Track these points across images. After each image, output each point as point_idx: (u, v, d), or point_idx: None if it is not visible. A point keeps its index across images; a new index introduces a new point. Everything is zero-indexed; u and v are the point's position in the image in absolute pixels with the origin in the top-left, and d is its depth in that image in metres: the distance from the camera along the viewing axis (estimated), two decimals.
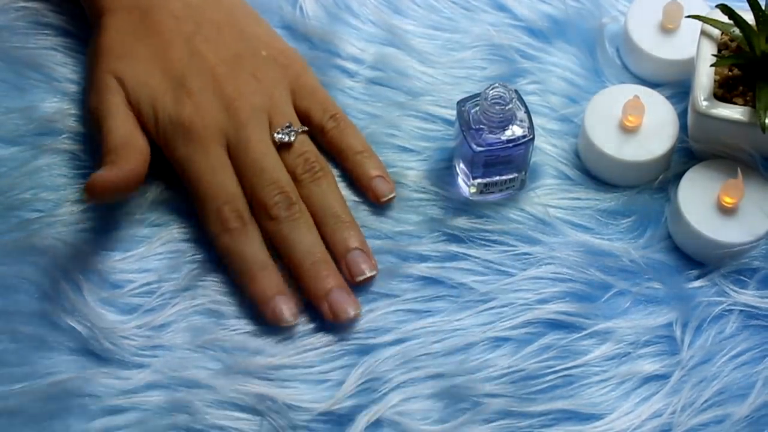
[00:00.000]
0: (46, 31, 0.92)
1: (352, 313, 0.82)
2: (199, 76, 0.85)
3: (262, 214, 0.83)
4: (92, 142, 0.87)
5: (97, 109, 0.85)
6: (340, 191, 0.86)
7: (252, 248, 0.82)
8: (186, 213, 0.85)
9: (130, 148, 0.82)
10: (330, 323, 0.82)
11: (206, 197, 0.83)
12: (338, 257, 0.83)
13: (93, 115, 0.85)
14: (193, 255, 0.84)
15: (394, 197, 0.87)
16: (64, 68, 0.91)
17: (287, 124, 0.85)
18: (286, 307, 0.81)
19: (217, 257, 0.84)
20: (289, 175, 0.84)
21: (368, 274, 0.83)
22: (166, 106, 0.84)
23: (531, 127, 0.83)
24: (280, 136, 0.85)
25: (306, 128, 0.86)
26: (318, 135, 0.87)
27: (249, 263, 0.82)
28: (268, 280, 0.82)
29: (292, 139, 0.85)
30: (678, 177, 0.86)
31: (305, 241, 0.83)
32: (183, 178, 0.85)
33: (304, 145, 0.86)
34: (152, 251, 0.84)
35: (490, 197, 0.87)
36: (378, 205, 0.87)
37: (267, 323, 0.82)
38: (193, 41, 0.86)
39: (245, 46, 0.87)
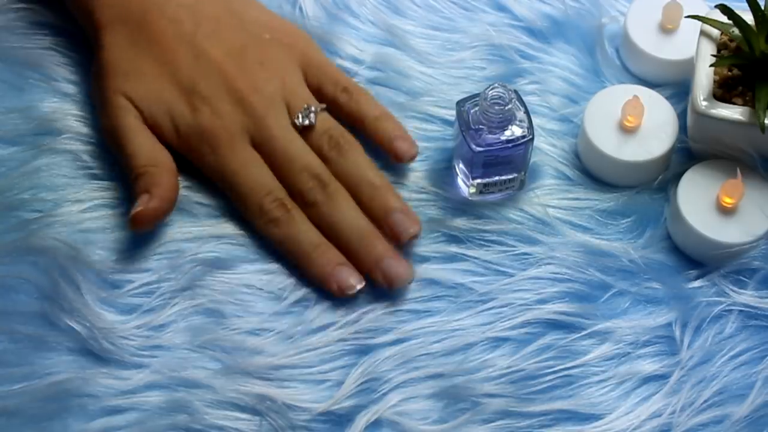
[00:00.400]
0: (44, 31, 0.92)
1: (406, 277, 0.82)
2: (208, 77, 0.85)
3: (300, 202, 0.84)
4: (92, 143, 0.87)
5: (113, 132, 0.85)
6: (369, 158, 0.86)
7: (301, 231, 0.83)
8: (185, 213, 0.85)
9: (159, 171, 0.83)
10: (328, 324, 0.82)
11: (245, 194, 0.84)
12: (380, 222, 0.84)
13: (109, 136, 0.85)
14: (192, 255, 0.84)
15: (416, 153, 0.87)
16: (63, 68, 0.91)
17: (305, 106, 0.86)
18: (350, 276, 0.82)
19: (216, 258, 0.84)
20: (316, 156, 0.85)
21: (413, 232, 0.83)
22: (184, 117, 0.84)
23: (530, 127, 0.83)
24: (300, 120, 0.85)
25: (324, 105, 0.87)
26: (333, 108, 0.87)
27: (302, 246, 0.83)
28: (325, 256, 0.82)
29: (313, 120, 0.85)
30: (677, 177, 0.86)
31: (347, 217, 0.83)
32: (217, 182, 0.85)
33: (326, 122, 0.86)
34: (152, 251, 0.84)
35: (490, 197, 0.87)
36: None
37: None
38: (195, 41, 0.86)
39: (247, 34, 0.87)
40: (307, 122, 0.85)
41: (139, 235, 0.84)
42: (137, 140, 0.84)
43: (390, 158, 0.87)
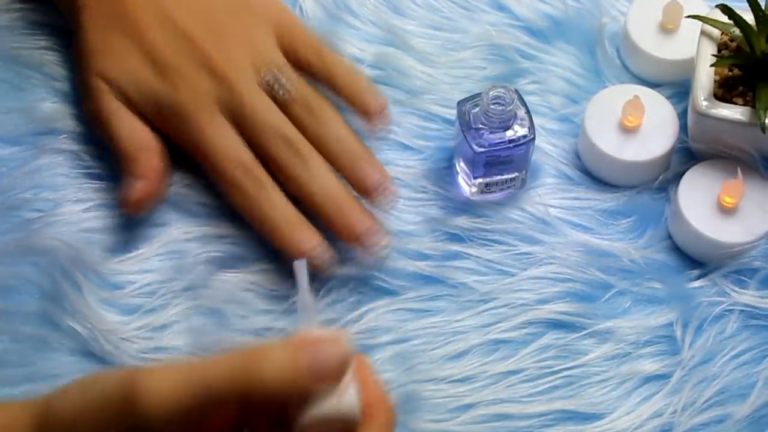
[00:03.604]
0: (45, 31, 0.92)
1: (381, 241, 0.82)
2: (177, 48, 0.84)
3: (273, 167, 0.83)
4: (93, 142, 0.87)
5: (95, 115, 0.85)
6: (344, 122, 0.85)
7: (267, 197, 0.82)
8: (187, 213, 0.85)
9: (146, 153, 0.83)
10: (329, 323, 0.82)
11: (217, 167, 0.83)
12: (361, 191, 0.83)
13: (93, 121, 0.85)
14: (194, 255, 0.83)
15: (383, 105, 0.86)
16: (64, 68, 0.90)
17: (274, 72, 0.85)
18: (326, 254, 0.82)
19: (217, 258, 0.84)
20: (289, 120, 0.84)
21: (381, 182, 0.83)
22: (156, 91, 0.84)
23: (532, 127, 0.83)
24: (271, 84, 0.84)
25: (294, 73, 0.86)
26: (306, 72, 0.87)
27: (265, 211, 0.82)
28: (287, 218, 0.82)
29: (287, 87, 0.84)
30: (678, 177, 0.86)
31: (321, 183, 0.82)
32: (191, 154, 0.85)
33: (301, 88, 0.85)
34: (153, 252, 0.84)
35: (491, 196, 0.87)
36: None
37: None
38: (163, 9, 0.85)
39: (220, 1, 0.87)
40: (277, 87, 0.84)
41: (138, 225, 0.84)
42: (122, 125, 0.84)
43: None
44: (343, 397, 0.60)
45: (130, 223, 0.84)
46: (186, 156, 0.85)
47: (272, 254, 0.84)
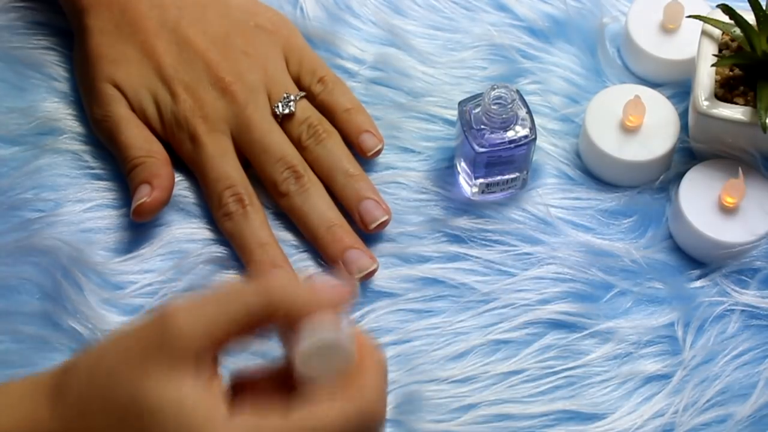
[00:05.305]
0: (46, 31, 0.92)
1: (368, 268, 0.82)
2: (191, 66, 0.85)
3: (274, 192, 0.85)
4: (94, 142, 0.87)
5: (104, 121, 0.85)
6: (346, 148, 0.86)
7: (251, 228, 0.83)
8: (189, 213, 0.85)
9: (156, 161, 0.83)
10: None
11: (209, 184, 0.84)
12: (351, 209, 0.84)
13: (100, 126, 0.85)
14: (195, 255, 0.83)
15: (381, 149, 0.87)
16: (64, 68, 0.90)
17: (285, 95, 0.86)
18: None
19: (218, 258, 0.84)
20: (294, 146, 0.85)
21: (381, 219, 0.84)
22: (167, 105, 0.85)
23: (533, 127, 0.83)
24: (280, 109, 0.86)
25: (303, 93, 0.87)
26: (310, 100, 0.88)
27: (247, 241, 0.82)
28: (266, 254, 0.82)
29: (293, 109, 0.86)
30: (679, 177, 0.86)
31: (318, 209, 0.84)
32: (192, 169, 0.86)
33: (306, 111, 0.87)
34: (154, 252, 0.84)
35: (492, 197, 0.87)
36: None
37: None
38: (178, 28, 0.86)
39: (232, 21, 0.88)
40: (287, 111, 0.86)
41: (139, 225, 0.84)
42: (130, 130, 0.84)
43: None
44: (342, 333, 0.61)
45: (131, 223, 0.84)
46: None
47: None
